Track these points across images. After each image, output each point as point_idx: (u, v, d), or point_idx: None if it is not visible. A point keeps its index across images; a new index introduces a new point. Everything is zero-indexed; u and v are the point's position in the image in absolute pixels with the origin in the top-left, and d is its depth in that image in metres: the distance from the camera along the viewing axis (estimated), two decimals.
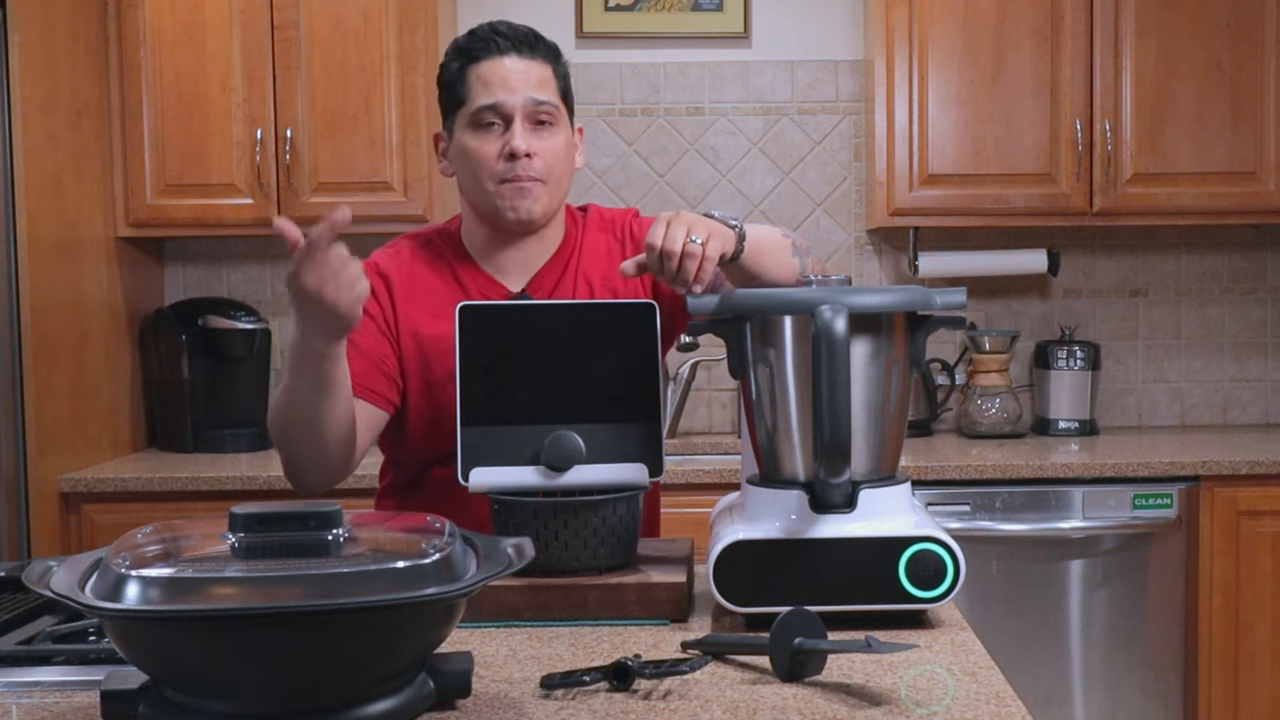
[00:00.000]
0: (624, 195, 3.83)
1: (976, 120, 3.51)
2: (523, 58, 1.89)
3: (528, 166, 1.88)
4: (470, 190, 1.93)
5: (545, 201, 1.91)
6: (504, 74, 1.88)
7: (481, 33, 1.91)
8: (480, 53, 1.89)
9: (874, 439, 1.57)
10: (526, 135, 1.88)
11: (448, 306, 1.87)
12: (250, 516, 1.22)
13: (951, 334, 3.84)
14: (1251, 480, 3.24)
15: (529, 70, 1.89)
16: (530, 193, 1.89)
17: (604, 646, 1.49)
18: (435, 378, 1.91)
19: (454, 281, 1.96)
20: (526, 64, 1.89)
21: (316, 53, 3.45)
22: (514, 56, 1.89)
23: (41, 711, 1.28)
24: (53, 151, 3.19)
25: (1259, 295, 3.91)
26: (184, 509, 3.15)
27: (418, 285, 1.96)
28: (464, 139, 1.91)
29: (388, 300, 1.94)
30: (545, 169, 1.90)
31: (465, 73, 1.90)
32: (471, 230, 1.99)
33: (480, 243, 1.98)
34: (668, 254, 1.68)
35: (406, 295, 1.95)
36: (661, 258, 1.68)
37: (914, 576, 1.52)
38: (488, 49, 1.89)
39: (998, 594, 3.26)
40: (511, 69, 1.88)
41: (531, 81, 1.89)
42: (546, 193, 1.91)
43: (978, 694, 1.30)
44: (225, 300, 3.71)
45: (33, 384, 3.09)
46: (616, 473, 1.66)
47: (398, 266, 1.97)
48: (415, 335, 1.93)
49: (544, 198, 1.91)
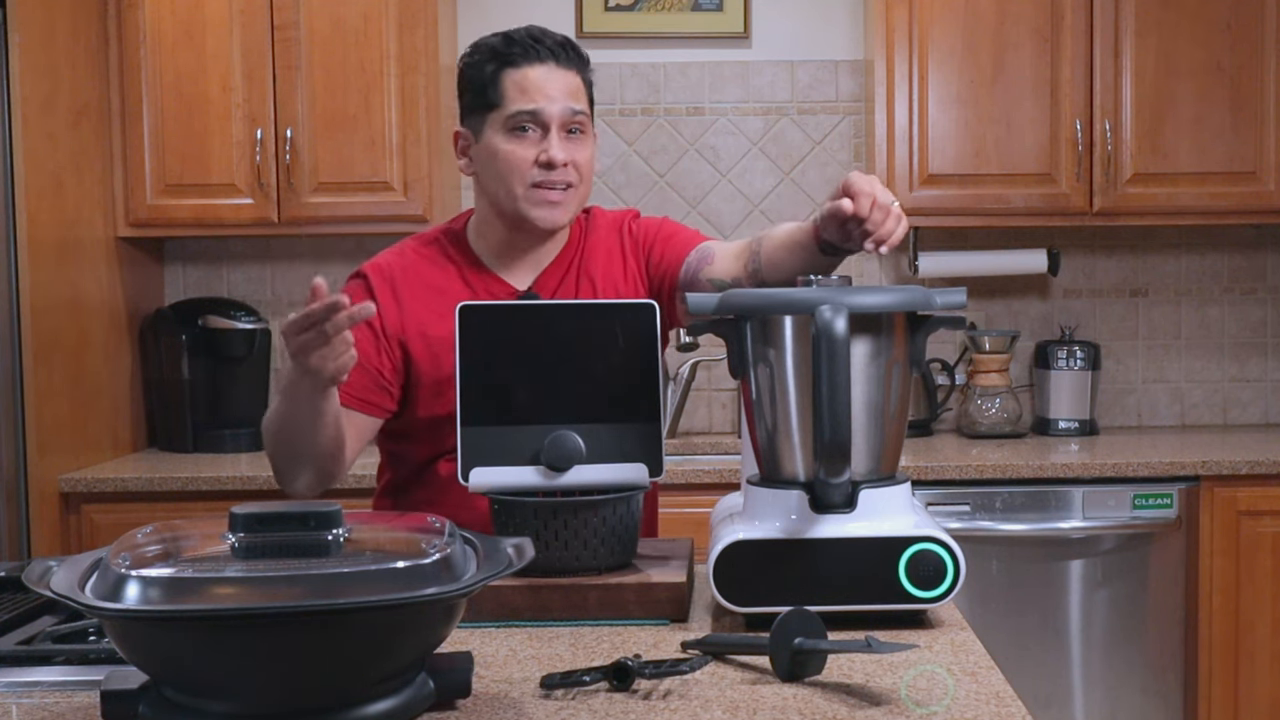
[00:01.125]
0: (624, 195, 3.83)
1: (976, 120, 3.51)
2: (560, 66, 1.92)
3: (563, 174, 1.91)
4: (496, 192, 1.95)
5: (573, 209, 1.95)
6: (542, 82, 1.90)
7: (520, 38, 1.93)
8: (519, 58, 1.91)
9: (874, 439, 1.57)
10: (562, 144, 1.91)
11: (453, 305, 1.88)
12: (250, 516, 1.22)
13: (951, 334, 3.83)
14: (1251, 480, 3.24)
15: (566, 79, 1.92)
16: (561, 204, 1.92)
17: (604, 646, 1.49)
18: (446, 376, 1.92)
19: (460, 280, 1.98)
20: (564, 73, 1.92)
21: (316, 53, 3.45)
22: (553, 65, 1.92)
23: (41, 711, 1.28)
24: (53, 151, 3.19)
25: (1259, 295, 3.91)
26: (184, 509, 3.15)
27: (424, 286, 1.97)
28: (496, 141, 1.92)
29: (392, 305, 1.96)
30: (577, 177, 1.93)
31: (500, 76, 1.92)
32: (485, 229, 2.00)
33: (494, 242, 2.00)
34: (881, 206, 1.70)
35: (413, 297, 1.96)
36: (873, 208, 1.69)
37: (914, 576, 1.52)
38: (527, 55, 1.91)
39: (998, 594, 3.26)
40: (550, 77, 1.91)
41: (569, 91, 1.92)
42: (575, 200, 1.95)
43: (978, 694, 1.30)
44: (225, 300, 3.71)
45: (33, 384, 3.09)
46: (616, 473, 1.66)
47: (403, 268, 1.99)
48: (424, 336, 1.94)
49: (572, 205, 1.95)
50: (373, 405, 1.93)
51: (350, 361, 1.64)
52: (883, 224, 1.71)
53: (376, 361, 1.93)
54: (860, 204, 1.69)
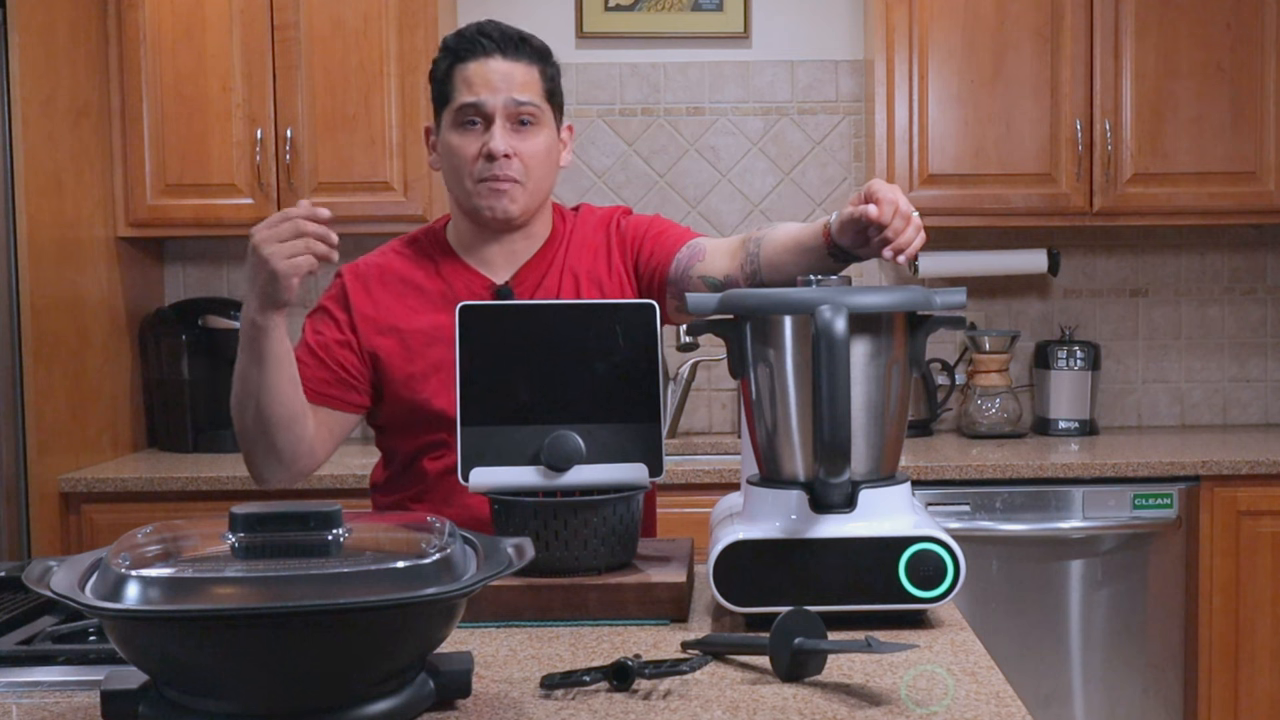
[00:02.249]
0: (624, 195, 3.83)
1: (976, 120, 3.51)
2: (507, 59, 1.94)
3: (505, 167, 1.92)
4: (453, 186, 1.98)
5: (523, 201, 1.95)
6: (487, 74, 1.93)
7: (469, 33, 1.96)
8: (466, 53, 1.94)
9: (874, 439, 1.57)
10: (507, 135, 1.92)
11: (430, 300, 1.97)
12: (250, 516, 1.22)
13: (951, 334, 3.84)
14: (1251, 480, 3.24)
15: (513, 71, 1.93)
16: (507, 193, 1.93)
17: (604, 646, 1.49)
18: (417, 371, 1.95)
19: (437, 275, 2.01)
20: (511, 65, 1.94)
21: (316, 53, 3.45)
22: (498, 58, 1.93)
23: (41, 711, 1.28)
24: (53, 151, 3.19)
25: (1259, 295, 3.91)
26: (184, 509, 3.15)
27: (400, 281, 2.00)
28: (448, 136, 1.96)
29: (365, 301, 1.99)
30: (524, 169, 1.94)
31: (452, 71, 1.95)
32: (458, 224, 2.03)
33: (466, 237, 2.02)
34: (902, 215, 1.70)
35: (387, 292, 1.99)
36: (895, 216, 1.70)
37: (914, 576, 1.52)
38: (473, 50, 1.94)
39: (998, 594, 3.26)
40: (495, 70, 1.93)
41: (514, 82, 1.93)
42: (525, 193, 1.95)
43: (978, 694, 1.30)
44: (225, 300, 3.71)
45: (33, 384, 3.09)
46: (616, 473, 1.66)
47: (381, 266, 2.03)
48: (396, 329, 1.97)
49: (522, 197, 1.95)
50: (337, 399, 1.96)
51: (300, 266, 1.68)
52: (903, 232, 1.71)
53: (340, 355, 1.96)
54: (884, 211, 1.70)
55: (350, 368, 1.96)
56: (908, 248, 1.71)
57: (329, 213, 1.71)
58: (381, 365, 1.97)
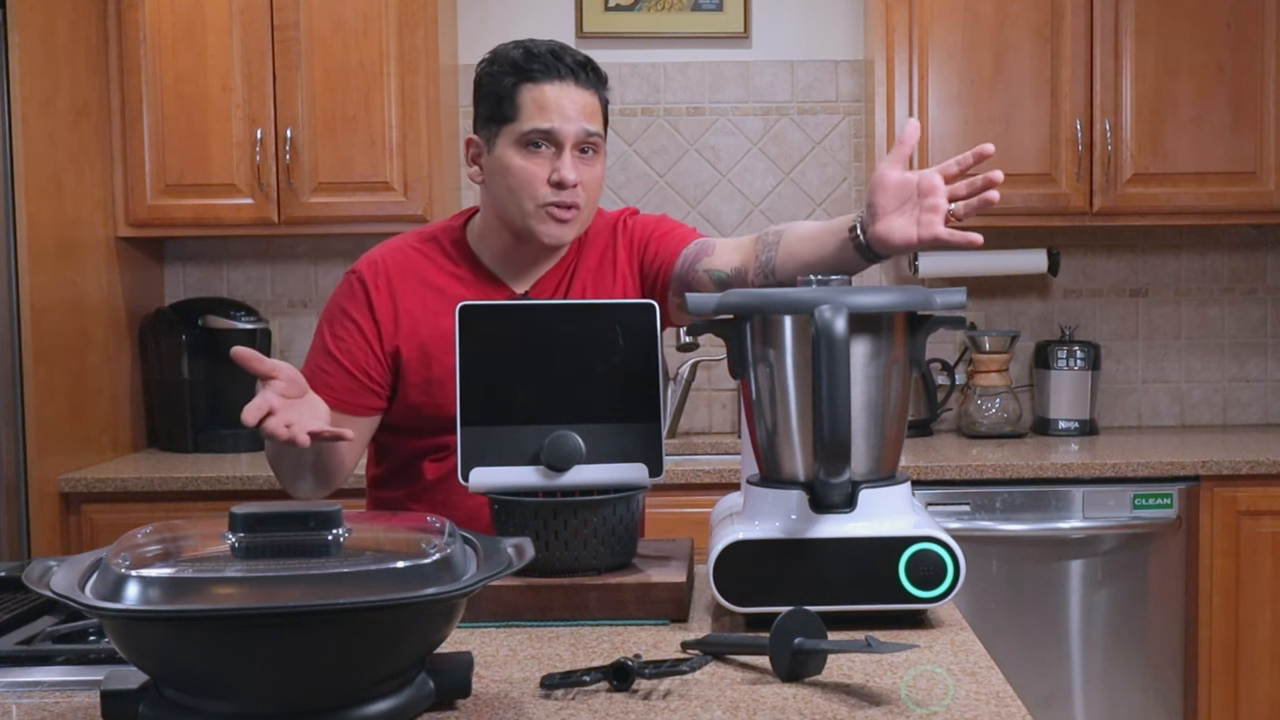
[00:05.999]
0: (624, 195, 3.83)
1: (976, 120, 3.51)
2: (579, 86, 1.91)
3: (573, 195, 1.91)
4: (505, 205, 1.94)
5: (579, 227, 1.96)
6: (560, 101, 1.89)
7: (541, 54, 1.91)
8: (539, 74, 1.90)
9: (874, 439, 1.57)
10: (574, 164, 1.90)
11: (449, 304, 1.89)
12: (250, 516, 1.22)
13: (951, 334, 3.84)
14: (1251, 480, 3.24)
15: (584, 100, 1.91)
16: (569, 222, 1.92)
17: (604, 646, 1.49)
18: (435, 376, 1.94)
19: (457, 281, 1.99)
20: (583, 93, 1.92)
21: (316, 53, 3.45)
22: (571, 84, 1.91)
23: (41, 711, 1.28)
24: (53, 151, 3.19)
25: (1259, 295, 3.91)
26: (184, 509, 3.15)
27: (420, 282, 1.98)
28: (508, 155, 1.92)
29: (388, 305, 1.97)
30: (586, 197, 1.93)
31: (518, 90, 1.90)
32: (489, 235, 2.01)
33: (497, 249, 2.00)
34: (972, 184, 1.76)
35: (409, 294, 1.97)
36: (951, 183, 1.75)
37: (914, 576, 1.52)
38: (546, 72, 1.90)
39: (998, 594, 3.26)
40: (568, 97, 1.90)
41: (585, 111, 1.91)
42: (581, 219, 1.95)
43: (978, 694, 1.30)
44: (225, 300, 3.71)
45: (33, 384, 3.09)
46: (616, 473, 1.66)
47: (399, 264, 1.99)
48: (416, 333, 1.95)
49: (579, 224, 1.95)
50: (363, 407, 1.96)
51: (310, 423, 1.70)
52: (959, 197, 1.76)
53: (363, 362, 1.95)
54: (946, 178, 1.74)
55: (373, 373, 1.96)
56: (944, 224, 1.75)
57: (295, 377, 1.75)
58: (400, 368, 1.96)
